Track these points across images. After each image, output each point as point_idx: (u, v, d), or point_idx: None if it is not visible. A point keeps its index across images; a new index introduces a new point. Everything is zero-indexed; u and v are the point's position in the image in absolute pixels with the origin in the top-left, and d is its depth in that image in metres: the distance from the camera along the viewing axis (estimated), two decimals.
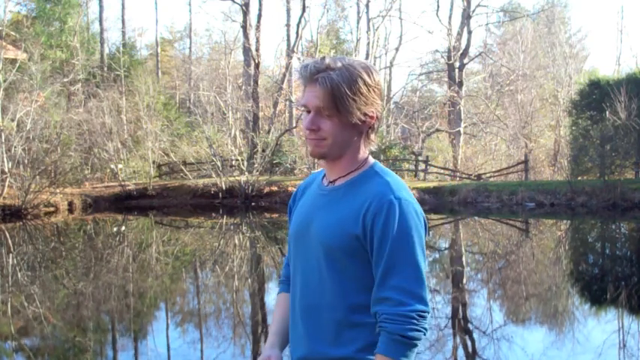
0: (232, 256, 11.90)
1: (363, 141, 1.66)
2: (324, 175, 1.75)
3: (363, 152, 1.67)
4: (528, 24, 35.48)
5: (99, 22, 35.00)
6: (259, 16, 29.67)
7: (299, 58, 30.57)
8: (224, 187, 22.29)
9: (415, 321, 1.50)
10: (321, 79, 1.57)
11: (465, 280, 9.60)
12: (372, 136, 1.67)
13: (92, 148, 24.53)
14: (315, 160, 30.85)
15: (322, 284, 1.63)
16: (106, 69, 30.84)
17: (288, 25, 33.11)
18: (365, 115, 1.60)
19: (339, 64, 1.58)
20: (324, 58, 1.61)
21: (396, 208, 1.53)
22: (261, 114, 27.96)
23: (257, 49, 28.94)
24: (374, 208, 1.54)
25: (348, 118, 1.59)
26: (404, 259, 1.51)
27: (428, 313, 1.53)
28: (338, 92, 1.56)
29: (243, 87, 31.03)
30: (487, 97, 34.30)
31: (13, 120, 19.86)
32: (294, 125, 31.33)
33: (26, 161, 19.47)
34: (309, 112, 1.62)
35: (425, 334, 1.54)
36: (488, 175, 26.06)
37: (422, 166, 27.19)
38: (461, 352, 5.75)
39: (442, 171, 27.78)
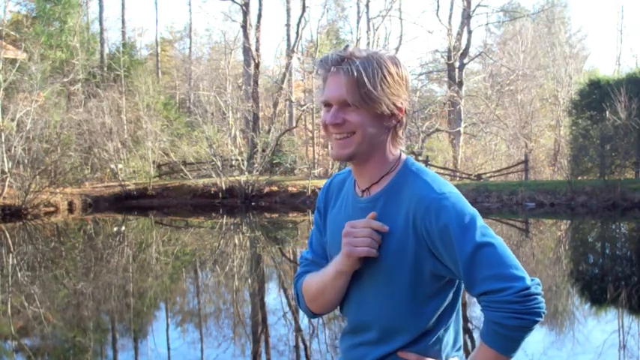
0: (232, 256, 11.90)
1: (391, 139, 1.53)
2: (355, 181, 1.60)
3: (393, 152, 1.54)
4: (528, 24, 35.46)
5: (99, 22, 34.99)
6: (259, 16, 29.70)
7: (299, 58, 30.60)
8: (224, 187, 22.30)
9: (517, 305, 1.36)
10: (344, 67, 1.47)
11: None
12: (400, 133, 1.54)
13: (92, 148, 24.54)
14: (316, 161, 30.92)
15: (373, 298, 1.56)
16: (106, 69, 30.83)
17: (288, 25, 33.11)
18: (394, 105, 1.48)
19: (364, 54, 1.49)
20: (347, 46, 1.52)
21: (444, 202, 1.42)
22: (261, 114, 27.96)
23: (257, 49, 28.97)
24: (421, 213, 1.43)
25: (375, 109, 1.46)
26: (478, 247, 1.38)
27: (530, 287, 1.37)
28: (364, 80, 1.44)
29: (243, 87, 31.04)
30: (487, 97, 34.28)
31: (13, 120, 19.87)
32: (294, 125, 31.35)
33: (26, 161, 19.47)
34: (329, 109, 1.50)
35: (537, 317, 1.39)
36: (488, 175, 26.05)
37: None
38: (461, 352, 5.75)
39: (442, 171, 27.73)
